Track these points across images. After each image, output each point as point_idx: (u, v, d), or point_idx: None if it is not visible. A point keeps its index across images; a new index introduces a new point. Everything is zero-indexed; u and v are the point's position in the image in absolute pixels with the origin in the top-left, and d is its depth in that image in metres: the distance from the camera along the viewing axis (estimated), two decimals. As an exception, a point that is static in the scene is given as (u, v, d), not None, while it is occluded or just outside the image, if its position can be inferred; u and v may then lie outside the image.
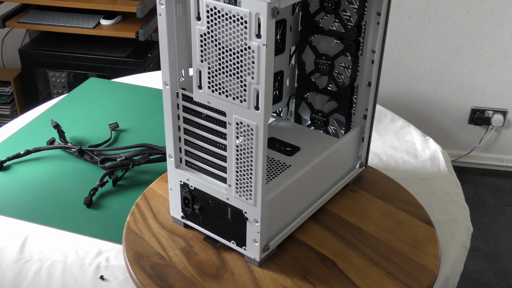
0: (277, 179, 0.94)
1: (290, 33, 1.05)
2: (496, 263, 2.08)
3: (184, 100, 0.88)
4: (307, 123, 1.14)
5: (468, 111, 2.49)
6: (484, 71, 2.38)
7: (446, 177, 1.23)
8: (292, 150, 1.02)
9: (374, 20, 0.98)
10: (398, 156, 1.30)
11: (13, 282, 0.92)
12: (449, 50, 2.36)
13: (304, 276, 0.91)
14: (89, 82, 1.62)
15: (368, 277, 0.91)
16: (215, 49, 0.78)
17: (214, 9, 0.75)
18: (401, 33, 2.35)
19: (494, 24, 2.28)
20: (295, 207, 0.98)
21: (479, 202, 2.40)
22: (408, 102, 2.51)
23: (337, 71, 1.05)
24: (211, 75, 0.81)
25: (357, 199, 1.10)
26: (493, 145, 2.56)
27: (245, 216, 0.88)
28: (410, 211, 1.06)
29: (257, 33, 0.73)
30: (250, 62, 0.75)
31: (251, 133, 0.80)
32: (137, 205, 1.06)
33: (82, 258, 0.97)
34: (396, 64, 2.42)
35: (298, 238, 0.99)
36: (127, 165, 1.18)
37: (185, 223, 0.99)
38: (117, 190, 1.15)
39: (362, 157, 1.12)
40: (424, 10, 2.29)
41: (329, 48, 1.04)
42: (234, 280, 0.90)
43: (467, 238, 1.07)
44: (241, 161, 0.84)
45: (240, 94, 0.79)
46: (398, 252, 0.97)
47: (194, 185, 0.93)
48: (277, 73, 1.07)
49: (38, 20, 2.19)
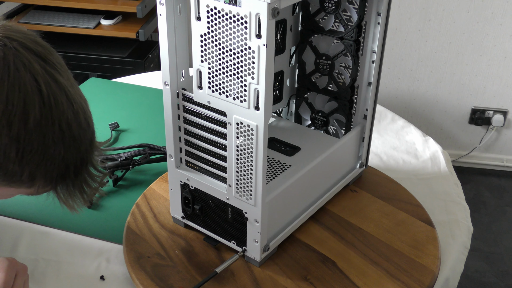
0: (277, 179, 0.94)
1: (290, 33, 1.05)
2: (497, 263, 2.07)
3: (184, 100, 0.88)
4: (307, 123, 1.14)
5: (468, 111, 2.49)
6: (484, 71, 2.38)
7: (447, 177, 1.23)
8: (292, 150, 1.02)
9: (375, 20, 0.98)
10: (399, 156, 1.30)
11: (14, 282, 0.92)
12: (449, 50, 2.36)
13: (304, 276, 0.91)
14: (89, 82, 1.62)
15: (369, 277, 0.91)
16: (215, 49, 0.78)
17: (214, 9, 0.75)
18: (401, 33, 2.35)
19: (494, 24, 2.27)
20: (295, 207, 0.98)
21: (480, 202, 2.40)
22: (408, 102, 2.51)
23: (337, 71, 1.05)
24: (211, 75, 0.81)
25: (358, 199, 1.09)
26: (494, 145, 2.56)
27: (246, 216, 0.88)
28: (410, 211, 1.06)
29: (257, 33, 0.73)
30: (250, 62, 0.75)
31: (251, 133, 0.80)
32: (137, 205, 1.06)
33: (82, 259, 0.97)
34: (396, 64, 2.42)
35: (298, 238, 0.99)
36: (128, 165, 1.18)
37: (185, 223, 0.99)
38: (118, 190, 1.15)
39: (363, 157, 1.12)
40: (425, 10, 2.29)
41: (329, 48, 1.04)
42: (234, 280, 0.90)
43: (467, 238, 1.07)
44: (241, 161, 0.84)
45: (240, 94, 0.79)
46: (399, 252, 0.97)
47: (195, 185, 0.93)
48: (277, 73, 1.07)
49: (38, 20, 2.19)
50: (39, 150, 0.64)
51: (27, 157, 0.64)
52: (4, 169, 0.64)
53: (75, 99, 0.68)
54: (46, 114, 0.64)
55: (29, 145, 0.63)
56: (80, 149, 0.69)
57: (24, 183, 0.67)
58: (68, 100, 0.66)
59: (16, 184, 0.67)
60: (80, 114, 0.68)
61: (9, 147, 0.62)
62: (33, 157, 0.64)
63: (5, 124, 0.61)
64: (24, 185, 0.67)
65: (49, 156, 0.65)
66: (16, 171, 0.64)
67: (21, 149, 0.63)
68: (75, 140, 0.67)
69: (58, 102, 0.65)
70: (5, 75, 0.61)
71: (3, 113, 0.61)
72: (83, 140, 0.69)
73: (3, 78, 0.61)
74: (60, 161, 0.66)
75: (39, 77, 0.64)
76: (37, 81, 0.63)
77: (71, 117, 0.66)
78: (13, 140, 0.62)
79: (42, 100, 0.63)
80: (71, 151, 0.67)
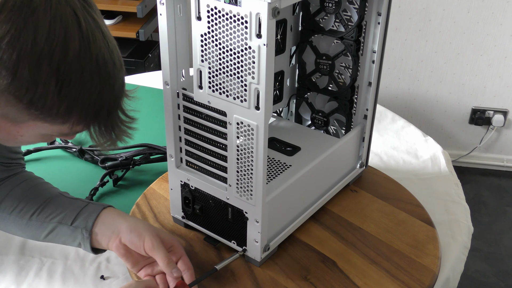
0: (277, 179, 0.94)
1: (290, 33, 1.05)
2: (497, 263, 2.08)
3: (184, 100, 0.88)
4: (307, 123, 1.14)
5: (468, 111, 2.49)
6: (484, 71, 2.38)
7: (447, 177, 1.23)
8: (292, 150, 1.02)
9: (375, 20, 0.98)
10: (399, 156, 1.30)
11: (14, 281, 0.92)
12: (449, 50, 2.36)
13: (304, 276, 0.91)
14: (89, 82, 1.62)
15: (369, 277, 0.91)
16: (216, 49, 0.78)
17: (215, 9, 0.75)
18: (401, 33, 2.35)
19: (494, 24, 2.27)
20: (295, 207, 0.98)
21: (480, 202, 2.40)
22: (408, 102, 2.51)
23: (338, 71, 1.05)
24: (212, 75, 0.81)
25: (358, 199, 1.10)
26: (494, 145, 2.57)
27: (246, 216, 0.88)
28: (410, 211, 1.06)
29: (257, 33, 0.73)
30: (251, 62, 0.75)
31: (251, 133, 0.80)
32: (137, 205, 1.06)
33: (83, 258, 0.97)
34: (396, 64, 2.42)
35: (299, 238, 0.99)
36: (128, 165, 1.18)
37: (185, 223, 0.99)
38: (118, 190, 1.15)
39: (363, 157, 1.12)
40: (425, 10, 2.29)
41: (329, 48, 1.04)
42: (235, 280, 0.90)
43: (467, 238, 1.07)
44: (241, 161, 0.84)
45: (240, 94, 0.79)
46: (399, 252, 0.97)
47: (195, 185, 0.93)
48: (277, 73, 1.07)
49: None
50: (77, 83, 0.65)
51: (65, 90, 0.64)
52: (43, 101, 0.64)
53: (110, 38, 0.69)
54: (85, 48, 0.65)
55: (68, 77, 0.64)
56: (115, 87, 0.70)
57: (60, 117, 0.67)
58: (104, 38, 0.68)
59: (52, 118, 0.67)
60: (115, 53, 0.70)
61: (49, 78, 0.63)
62: (72, 90, 0.65)
63: (47, 53, 0.62)
64: (59, 120, 0.67)
65: (86, 90, 0.66)
66: (54, 103, 0.65)
67: (61, 80, 0.64)
68: (110, 77, 0.68)
69: (96, 38, 0.66)
70: (48, 6, 0.63)
71: (46, 41, 0.62)
72: (117, 79, 0.70)
73: (46, 8, 0.62)
74: (96, 97, 0.67)
75: (79, 11, 0.65)
76: (76, 15, 0.65)
77: (107, 55, 0.68)
78: (53, 71, 0.63)
79: (81, 34, 0.65)
80: (106, 88, 0.68)
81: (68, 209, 0.90)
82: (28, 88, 0.63)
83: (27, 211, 0.90)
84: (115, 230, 0.87)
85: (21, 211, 0.90)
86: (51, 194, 0.93)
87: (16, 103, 0.65)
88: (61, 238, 0.90)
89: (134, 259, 0.88)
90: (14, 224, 0.91)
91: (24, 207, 0.91)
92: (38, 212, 0.90)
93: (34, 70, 0.62)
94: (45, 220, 0.89)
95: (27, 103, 0.65)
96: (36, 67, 0.62)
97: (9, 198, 0.92)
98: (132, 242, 0.85)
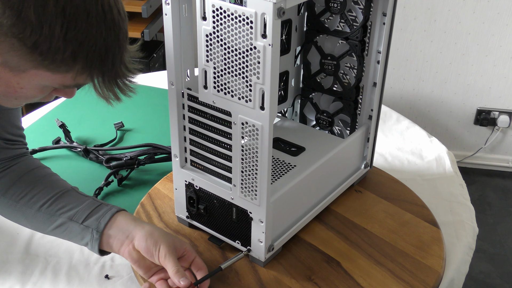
0: (282, 179, 0.94)
1: (295, 33, 1.05)
2: (502, 264, 2.07)
3: (189, 100, 0.88)
4: (312, 123, 1.14)
5: (473, 112, 2.48)
6: (490, 72, 2.38)
7: (452, 178, 1.22)
8: (297, 150, 1.02)
9: (380, 20, 0.98)
10: (403, 156, 1.30)
11: (19, 281, 0.93)
12: (454, 51, 2.35)
13: (308, 277, 0.91)
14: (94, 81, 1.62)
15: (373, 278, 0.91)
16: (221, 49, 0.78)
17: (220, 9, 0.75)
18: (406, 33, 2.34)
19: (500, 24, 2.27)
20: (300, 207, 0.98)
21: (485, 203, 2.39)
22: (413, 102, 2.51)
23: (343, 71, 1.05)
24: (217, 75, 0.81)
25: (362, 199, 1.09)
26: (499, 146, 2.56)
27: (250, 216, 0.88)
28: (415, 212, 1.06)
29: (262, 33, 0.73)
30: (256, 62, 0.75)
31: (256, 133, 0.80)
32: (142, 205, 1.06)
33: (87, 258, 0.97)
34: (401, 65, 2.42)
35: (303, 239, 0.99)
36: (132, 165, 1.18)
37: (190, 223, 0.99)
38: (122, 190, 1.15)
39: (367, 157, 1.12)
40: (430, 10, 2.28)
41: (334, 49, 1.04)
42: (239, 280, 0.90)
43: (472, 239, 1.06)
44: (246, 161, 0.84)
45: (245, 94, 0.79)
46: (403, 252, 0.96)
47: (199, 185, 0.93)
48: (282, 73, 1.07)
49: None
50: (82, 27, 0.64)
51: (71, 33, 0.64)
52: (47, 44, 0.63)
53: None
54: None
55: (74, 19, 0.63)
56: (119, 36, 0.69)
57: (64, 64, 0.66)
58: None
59: (56, 65, 0.66)
60: (119, 2, 0.70)
61: (55, 19, 0.62)
62: (77, 34, 0.64)
63: None
64: (63, 67, 0.67)
65: (92, 35, 0.65)
66: (59, 47, 0.64)
67: (66, 23, 0.63)
68: (115, 25, 0.68)
69: None
70: None
71: None
72: (121, 28, 0.70)
73: None
74: (101, 44, 0.67)
75: None
76: None
77: (112, 2, 0.68)
78: (59, 12, 0.62)
79: None
80: (111, 36, 0.68)
81: (80, 207, 0.89)
82: (33, 30, 0.62)
83: (37, 201, 0.89)
84: (130, 236, 0.86)
85: (30, 200, 0.89)
86: (63, 187, 0.92)
87: (20, 47, 0.63)
88: (68, 235, 0.89)
89: (146, 265, 0.87)
90: (20, 212, 0.90)
91: (34, 196, 0.89)
92: (48, 203, 0.89)
93: (39, 10, 0.61)
94: (55, 214, 0.88)
95: (31, 46, 0.63)
96: (42, 7, 0.61)
97: (18, 185, 0.90)
98: (147, 250, 0.85)
